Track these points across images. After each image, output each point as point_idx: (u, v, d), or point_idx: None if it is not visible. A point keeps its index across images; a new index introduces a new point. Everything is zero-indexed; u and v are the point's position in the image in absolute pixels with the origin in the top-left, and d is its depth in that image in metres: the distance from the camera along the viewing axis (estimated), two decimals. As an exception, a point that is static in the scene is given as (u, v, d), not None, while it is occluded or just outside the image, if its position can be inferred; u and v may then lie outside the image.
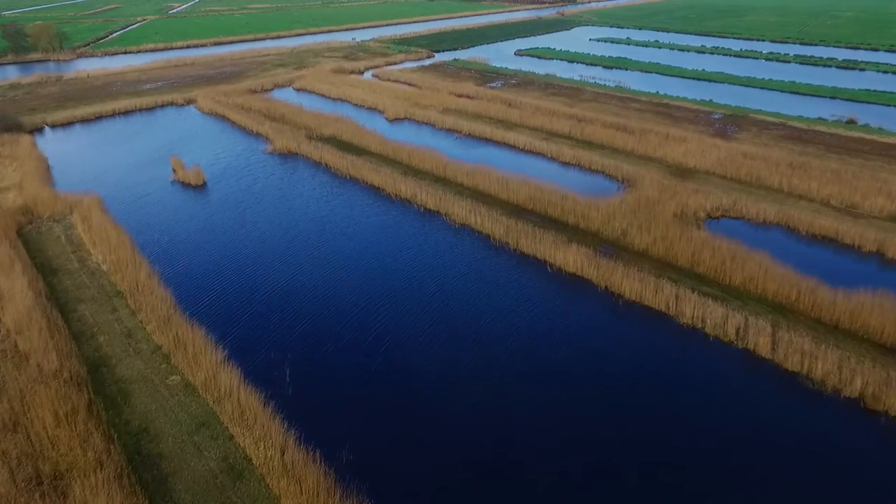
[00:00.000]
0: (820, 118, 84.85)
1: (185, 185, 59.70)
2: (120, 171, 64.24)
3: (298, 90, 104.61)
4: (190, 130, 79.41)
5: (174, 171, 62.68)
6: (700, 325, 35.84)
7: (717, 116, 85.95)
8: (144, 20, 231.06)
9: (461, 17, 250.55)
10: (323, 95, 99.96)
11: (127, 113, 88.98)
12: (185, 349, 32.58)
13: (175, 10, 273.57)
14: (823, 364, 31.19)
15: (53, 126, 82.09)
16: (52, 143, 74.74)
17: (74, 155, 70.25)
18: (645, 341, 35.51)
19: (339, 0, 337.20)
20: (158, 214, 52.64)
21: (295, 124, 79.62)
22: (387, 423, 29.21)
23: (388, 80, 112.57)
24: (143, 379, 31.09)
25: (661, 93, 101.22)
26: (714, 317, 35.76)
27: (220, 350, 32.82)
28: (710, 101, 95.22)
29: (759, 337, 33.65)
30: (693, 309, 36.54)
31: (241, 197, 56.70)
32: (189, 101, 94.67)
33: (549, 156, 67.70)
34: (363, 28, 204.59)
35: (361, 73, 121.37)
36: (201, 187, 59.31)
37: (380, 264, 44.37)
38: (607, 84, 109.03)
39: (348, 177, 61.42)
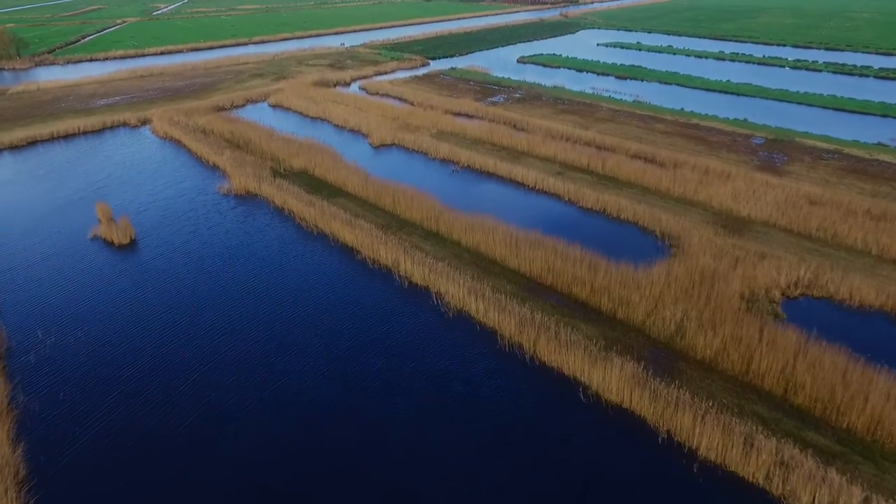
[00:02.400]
0: (879, 143, 72.33)
1: (108, 244, 46.90)
2: (30, 221, 51.32)
3: (274, 106, 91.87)
4: (135, 161, 66.57)
5: (99, 221, 49.97)
6: (826, 521, 23.27)
7: (757, 141, 73.37)
8: (124, 22, 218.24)
9: (459, 18, 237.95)
10: (300, 113, 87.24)
11: (68, 137, 76.17)
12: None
13: (160, 12, 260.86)
14: None
15: (-26, 156, 69.41)
16: (-37, 180, 62.16)
17: (-16, 197, 57.60)
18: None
19: (333, 1, 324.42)
20: (55, 296, 39.80)
21: (261, 153, 66.88)
22: None
23: (377, 93, 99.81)
24: None
25: (687, 109, 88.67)
26: (846, 505, 23.17)
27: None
28: (745, 120, 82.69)
29: (933, 557, 21.10)
30: (811, 489, 23.92)
31: (172, 263, 43.91)
32: (144, 122, 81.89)
33: (567, 199, 54.99)
34: (354, 32, 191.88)
35: (347, 84, 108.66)
36: (127, 247, 46.52)
37: (340, 387, 31.71)
38: (623, 98, 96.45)
39: (315, 231, 48.69)
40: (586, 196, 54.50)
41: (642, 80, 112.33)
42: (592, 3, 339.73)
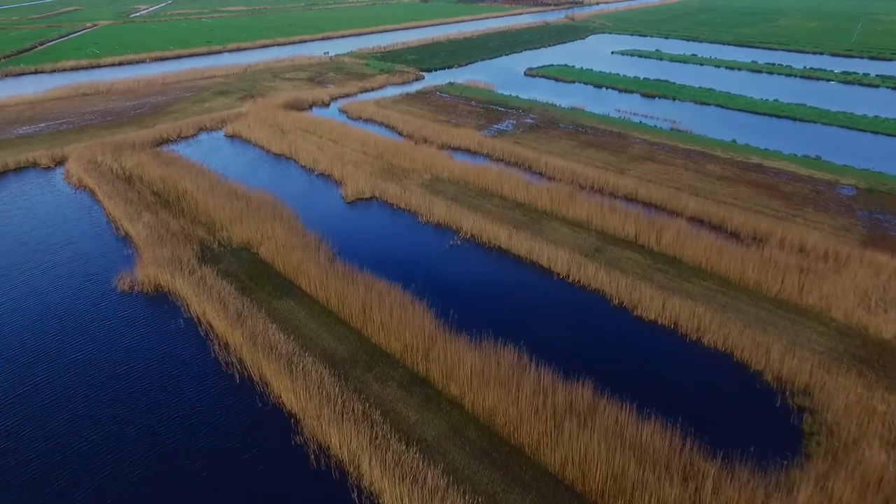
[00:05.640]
0: None
1: None
2: None
3: (231, 137, 74.76)
4: (17, 226, 49.27)
5: (-83, 349, 32.86)
6: None
7: (847, 192, 56.54)
8: (95, 26, 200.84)
9: (457, 22, 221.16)
10: (262, 147, 70.17)
11: (-46, 185, 59.07)
12: None
13: (137, 14, 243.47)
14: None
15: None
16: None
17: None
18: None
19: (324, 2, 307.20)
20: None
21: (194, 215, 49.85)
22: None
23: (360, 118, 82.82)
24: None
25: (740, 142, 71.90)
26: None
27: None
28: (819, 158, 65.88)
29: None
30: None
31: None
32: (60, 161, 64.77)
33: (617, 302, 37.92)
34: (343, 37, 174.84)
35: (326, 105, 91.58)
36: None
37: None
38: (657, 125, 79.61)
39: (238, 373, 31.57)
40: (644, 298, 37.45)
41: (674, 99, 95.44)
42: (598, 3, 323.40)
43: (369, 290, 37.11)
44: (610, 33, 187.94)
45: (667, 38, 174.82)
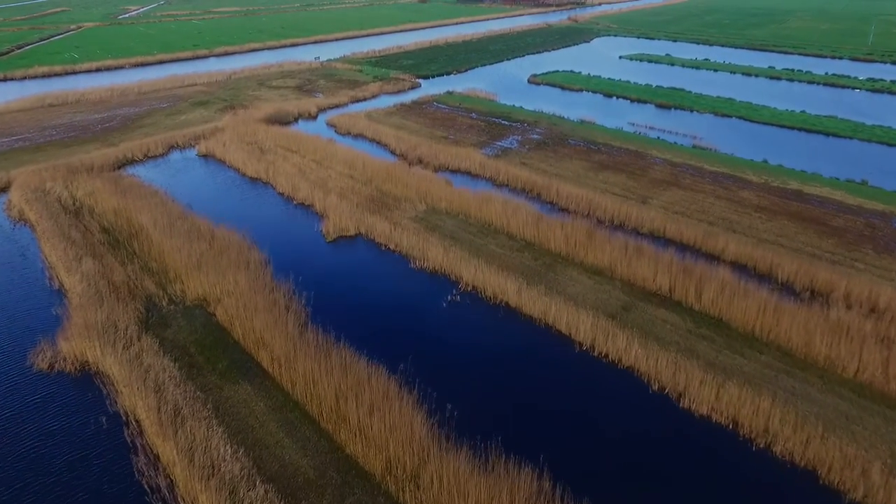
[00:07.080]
0: None
1: None
2: None
3: (204, 157, 67.00)
4: (-56, 273, 41.71)
5: None
6: None
7: (907, 227, 48.98)
8: (79, 28, 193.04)
9: (456, 23, 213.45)
10: (237, 170, 62.42)
11: None
12: None
13: (126, 16, 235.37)
14: None
15: None
16: None
17: None
18: None
19: (320, 3, 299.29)
20: None
21: (145, 261, 42.15)
22: None
23: (349, 133, 75.17)
24: None
25: (772, 162, 64.31)
26: None
27: None
28: (865, 182, 58.34)
29: None
30: None
31: None
32: (4, 188, 56.99)
33: (656, 388, 30.21)
34: (337, 40, 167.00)
35: (313, 117, 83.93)
36: None
37: None
38: (677, 141, 72.02)
39: (168, 505, 23.97)
40: (692, 382, 29.75)
41: (691, 111, 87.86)
42: (600, 4, 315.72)
43: (346, 372, 29.50)
44: (615, 36, 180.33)
45: (675, 41, 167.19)
